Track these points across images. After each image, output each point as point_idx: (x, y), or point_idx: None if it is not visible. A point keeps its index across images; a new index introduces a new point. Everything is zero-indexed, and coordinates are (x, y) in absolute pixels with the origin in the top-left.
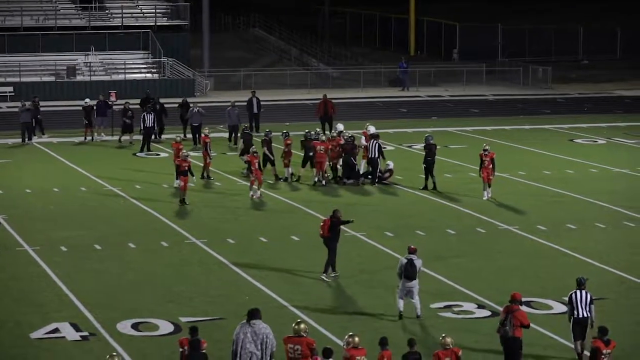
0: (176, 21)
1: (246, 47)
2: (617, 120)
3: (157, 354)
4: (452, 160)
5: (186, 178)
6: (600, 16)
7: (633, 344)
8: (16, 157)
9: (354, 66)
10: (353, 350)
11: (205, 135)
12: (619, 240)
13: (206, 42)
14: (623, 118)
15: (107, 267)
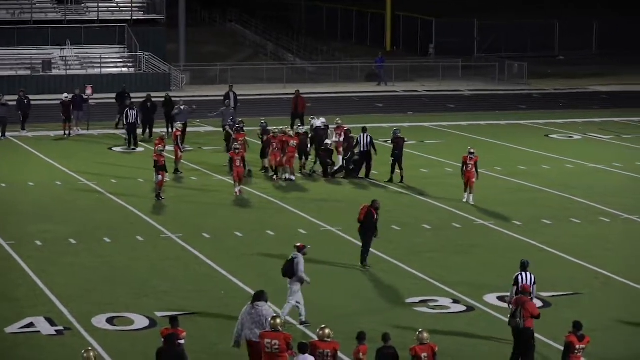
0: (152, 15)
1: (222, 41)
2: (592, 115)
3: (132, 348)
4: (428, 156)
5: (163, 173)
6: (576, 12)
7: (607, 339)
8: None
9: (330, 61)
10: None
11: (177, 129)
12: (593, 236)
13: (182, 36)
14: (599, 113)
15: (82, 262)
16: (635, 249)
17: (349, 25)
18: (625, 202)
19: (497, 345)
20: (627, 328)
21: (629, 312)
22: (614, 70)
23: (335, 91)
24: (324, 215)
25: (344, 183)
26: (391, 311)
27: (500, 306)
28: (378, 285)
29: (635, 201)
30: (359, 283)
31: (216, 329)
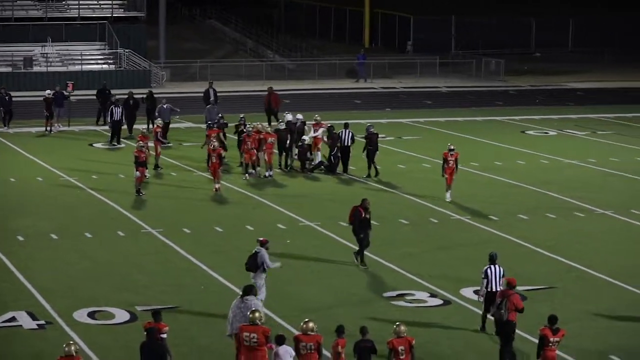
0: (132, 12)
1: (202, 38)
2: (568, 112)
3: (113, 342)
4: (405, 151)
5: (143, 169)
6: (552, 9)
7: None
8: None
9: (309, 58)
10: (301, 336)
11: (157, 125)
12: (568, 230)
13: (162, 33)
14: (574, 110)
15: (64, 257)
16: (609, 244)
17: (328, 22)
18: (600, 197)
19: (473, 338)
20: (601, 320)
21: (602, 305)
22: (589, 68)
23: (314, 88)
24: (303, 211)
25: (322, 178)
26: (369, 305)
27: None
28: (356, 279)
29: (610, 196)
30: (337, 277)
31: (196, 323)
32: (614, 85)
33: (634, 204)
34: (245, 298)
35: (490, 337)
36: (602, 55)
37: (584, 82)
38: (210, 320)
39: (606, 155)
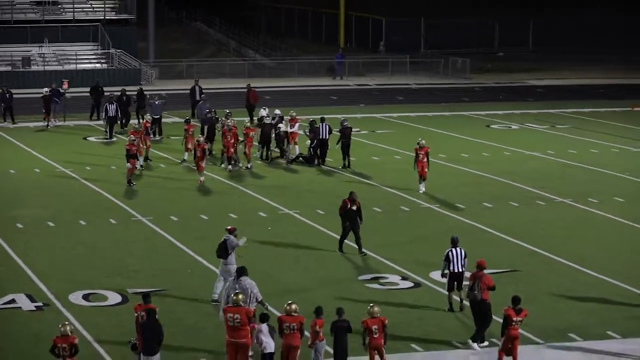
0: (124, 15)
1: (189, 39)
2: (529, 107)
3: (107, 322)
4: (379, 144)
5: (134, 161)
6: (514, 12)
7: (543, 312)
8: None
9: (288, 57)
10: (285, 317)
11: (146, 120)
12: (530, 218)
13: (151, 34)
14: (535, 105)
15: (60, 243)
16: (568, 230)
17: (305, 24)
18: (559, 186)
19: (442, 318)
20: (561, 301)
21: (562, 287)
22: (549, 66)
23: (293, 85)
24: (283, 200)
25: (301, 170)
26: (345, 287)
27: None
28: (333, 263)
29: (568, 186)
30: (315, 262)
31: (184, 305)
32: (571, 82)
33: (591, 192)
34: (240, 279)
35: (457, 316)
36: (561, 55)
37: (543, 79)
38: (196, 302)
39: (564, 147)
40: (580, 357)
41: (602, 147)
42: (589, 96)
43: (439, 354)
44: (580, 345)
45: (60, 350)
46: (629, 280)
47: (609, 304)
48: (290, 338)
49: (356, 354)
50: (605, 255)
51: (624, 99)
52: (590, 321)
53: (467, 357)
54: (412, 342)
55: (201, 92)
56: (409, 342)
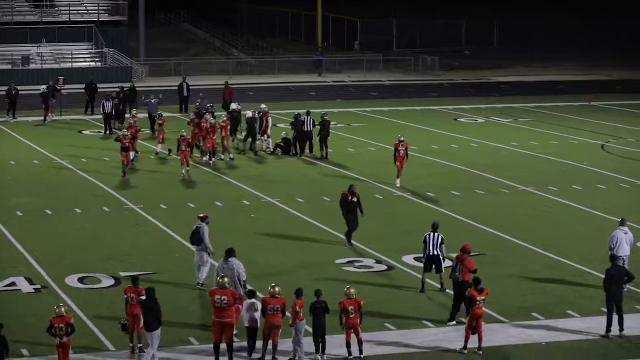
0: (116, 17)
1: (176, 39)
2: (494, 102)
3: (100, 303)
4: (354, 137)
5: (127, 154)
6: (480, 12)
7: (507, 292)
8: None
9: (270, 55)
10: (269, 298)
11: (133, 115)
12: (495, 205)
13: (142, 34)
14: (499, 100)
15: (57, 229)
16: (531, 216)
17: (285, 24)
18: (522, 175)
19: (414, 299)
20: (524, 282)
21: (525, 269)
22: (512, 63)
23: (274, 81)
24: (265, 189)
25: (282, 161)
26: (322, 270)
27: (416, 265)
28: (311, 248)
29: (530, 175)
30: (295, 246)
31: (172, 287)
32: (533, 79)
33: (551, 181)
34: (228, 259)
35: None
36: (523, 53)
37: (507, 76)
38: (183, 284)
39: (527, 139)
40: (543, 335)
41: (561, 139)
42: (549, 91)
43: (411, 332)
44: (542, 323)
45: (57, 330)
46: (585, 263)
47: (568, 285)
48: (273, 318)
49: (333, 333)
50: (564, 239)
51: (582, 93)
52: (551, 301)
53: (437, 334)
54: (386, 322)
55: (189, 88)
56: (383, 322)
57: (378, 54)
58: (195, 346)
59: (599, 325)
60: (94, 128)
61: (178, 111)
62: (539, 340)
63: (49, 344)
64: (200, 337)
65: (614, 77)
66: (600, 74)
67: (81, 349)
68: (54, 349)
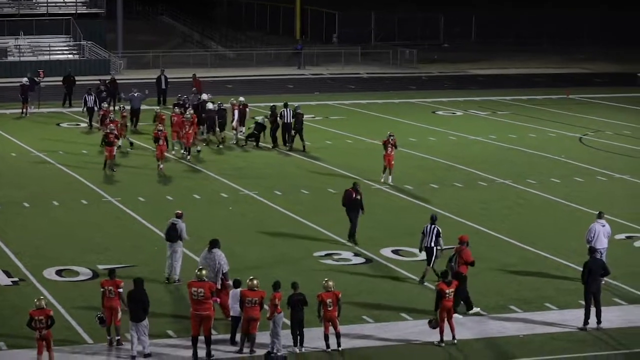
0: (94, 9)
1: (155, 31)
2: (472, 95)
3: (78, 296)
4: (332, 129)
5: (111, 149)
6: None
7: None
8: None
9: (248, 48)
10: (247, 291)
11: (105, 110)
12: (473, 198)
13: (120, 27)
14: (477, 93)
15: (35, 222)
16: (509, 209)
17: (264, 17)
18: (500, 168)
19: (392, 291)
20: (502, 275)
21: (503, 262)
22: (490, 57)
23: (253, 74)
24: (242, 182)
25: (259, 154)
26: (301, 263)
27: (394, 258)
28: (289, 241)
29: (508, 168)
30: (273, 239)
31: (151, 279)
32: (510, 72)
33: (529, 174)
34: (212, 250)
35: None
36: (501, 46)
37: (485, 69)
38: (162, 276)
39: (505, 132)
40: (521, 327)
41: (539, 132)
42: (527, 84)
43: (389, 324)
44: (520, 316)
45: (37, 323)
46: (564, 255)
47: (546, 278)
48: (251, 311)
49: (311, 326)
50: (542, 232)
51: (559, 87)
52: (529, 294)
53: (415, 327)
54: (364, 314)
55: (167, 81)
56: (361, 314)
57: (356, 47)
58: (173, 339)
59: (577, 317)
60: (72, 121)
61: (156, 104)
62: (516, 333)
63: (27, 337)
64: (177, 330)
65: (592, 70)
66: (578, 67)
67: (59, 342)
68: (33, 342)
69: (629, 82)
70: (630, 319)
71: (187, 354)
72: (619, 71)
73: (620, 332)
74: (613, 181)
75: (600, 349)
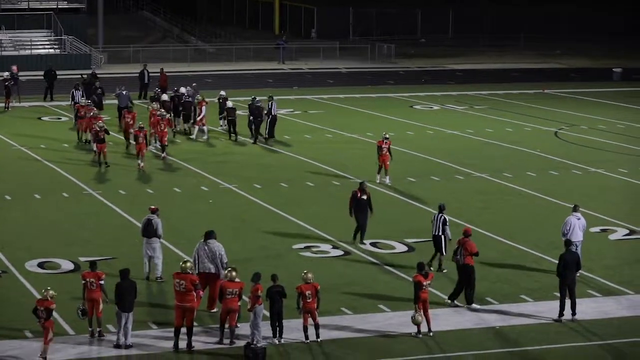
0: (75, 5)
1: (135, 26)
2: (449, 89)
3: (60, 288)
4: (311, 123)
5: (101, 145)
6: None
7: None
8: None
9: (227, 43)
10: (227, 283)
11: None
12: (451, 190)
13: (100, 22)
14: (454, 88)
15: (17, 215)
16: (486, 202)
17: (243, 13)
18: (476, 162)
19: (370, 283)
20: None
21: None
22: (467, 52)
23: (232, 69)
24: (223, 175)
25: (238, 147)
26: (280, 256)
27: (372, 250)
28: (269, 234)
29: (484, 161)
30: (252, 232)
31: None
32: (487, 66)
33: (506, 167)
34: (208, 241)
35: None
36: (477, 41)
37: (462, 64)
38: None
39: (482, 126)
40: (497, 319)
41: (515, 126)
42: (503, 79)
43: (367, 316)
44: (496, 308)
45: (39, 312)
46: (539, 248)
47: (522, 270)
48: (230, 302)
49: (290, 317)
50: (518, 225)
51: (535, 81)
52: (505, 286)
53: (393, 318)
54: (342, 306)
55: (149, 75)
56: (340, 306)
57: (335, 42)
58: (154, 330)
59: (552, 309)
60: (53, 115)
61: (137, 98)
62: (492, 324)
63: (10, 328)
64: (159, 322)
65: (568, 65)
66: (554, 63)
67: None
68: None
69: (604, 77)
70: (605, 310)
71: (168, 345)
72: (594, 66)
73: (594, 323)
74: (588, 175)
75: (575, 340)
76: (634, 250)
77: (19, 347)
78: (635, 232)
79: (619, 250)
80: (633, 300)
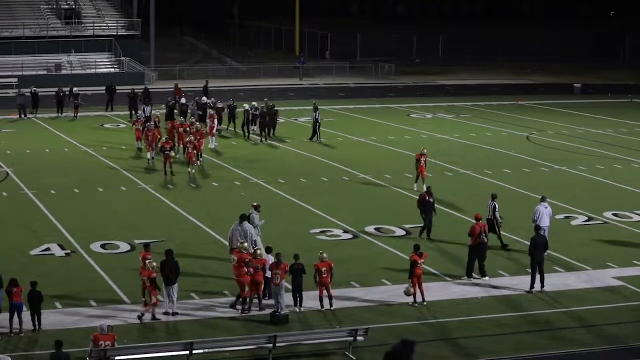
0: (131, 31)
1: (180, 49)
2: (440, 101)
3: (119, 265)
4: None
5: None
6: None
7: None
8: (18, 128)
9: (256, 63)
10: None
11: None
12: (441, 185)
13: (152, 45)
14: (444, 99)
15: (83, 204)
16: (471, 195)
17: (269, 37)
18: (463, 161)
19: (374, 261)
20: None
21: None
22: (455, 70)
23: (260, 84)
24: (252, 171)
25: (263, 148)
26: (300, 238)
27: (376, 234)
28: (290, 220)
29: (470, 161)
30: (277, 218)
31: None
32: (471, 82)
33: (486, 165)
34: (242, 223)
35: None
36: (463, 61)
37: (450, 80)
38: (186, 249)
39: (466, 131)
40: (480, 291)
41: (494, 131)
42: (484, 93)
43: (372, 289)
44: (479, 282)
45: (143, 282)
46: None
47: (500, 250)
48: (256, 275)
49: (308, 289)
50: None
51: (511, 94)
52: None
53: (393, 291)
54: (351, 280)
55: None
56: (349, 280)
57: (345, 62)
58: (196, 300)
59: (524, 282)
60: (114, 122)
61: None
62: (475, 295)
63: (77, 298)
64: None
65: (537, 81)
66: (526, 79)
67: (104, 302)
68: (81, 302)
69: (566, 91)
70: (567, 283)
71: (204, 315)
72: (558, 82)
73: (559, 294)
74: (553, 171)
75: (543, 308)
76: (591, 233)
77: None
78: (593, 218)
79: (579, 233)
80: (590, 275)
